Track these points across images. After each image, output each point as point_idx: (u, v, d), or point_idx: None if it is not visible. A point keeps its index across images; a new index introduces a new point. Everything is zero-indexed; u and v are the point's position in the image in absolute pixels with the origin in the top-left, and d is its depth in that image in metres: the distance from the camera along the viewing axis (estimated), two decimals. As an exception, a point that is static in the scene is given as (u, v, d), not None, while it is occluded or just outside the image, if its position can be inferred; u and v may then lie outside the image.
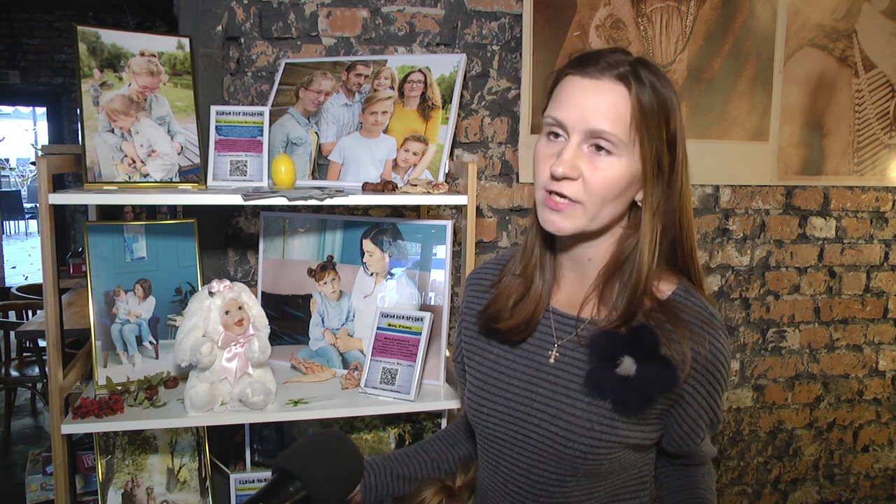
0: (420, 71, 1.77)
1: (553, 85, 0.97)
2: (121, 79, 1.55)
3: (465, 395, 1.11)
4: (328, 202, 1.49)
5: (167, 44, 1.61)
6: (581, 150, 0.91)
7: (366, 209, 2.04)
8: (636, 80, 0.90)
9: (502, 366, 1.05)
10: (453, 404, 1.61)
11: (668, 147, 0.93)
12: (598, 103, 0.89)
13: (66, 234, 7.43)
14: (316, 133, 1.80)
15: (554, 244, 1.02)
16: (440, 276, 1.70)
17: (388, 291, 1.74)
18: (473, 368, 1.09)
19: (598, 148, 0.90)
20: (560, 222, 0.93)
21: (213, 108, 1.67)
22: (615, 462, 0.96)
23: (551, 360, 1.01)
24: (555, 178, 0.91)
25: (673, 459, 1.07)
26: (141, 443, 1.69)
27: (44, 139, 9.90)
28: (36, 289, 4.24)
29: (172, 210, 2.55)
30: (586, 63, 0.92)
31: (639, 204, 0.95)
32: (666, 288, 0.97)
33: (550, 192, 0.92)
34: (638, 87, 0.89)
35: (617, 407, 0.93)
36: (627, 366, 0.91)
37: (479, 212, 2.18)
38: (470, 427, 1.18)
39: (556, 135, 0.93)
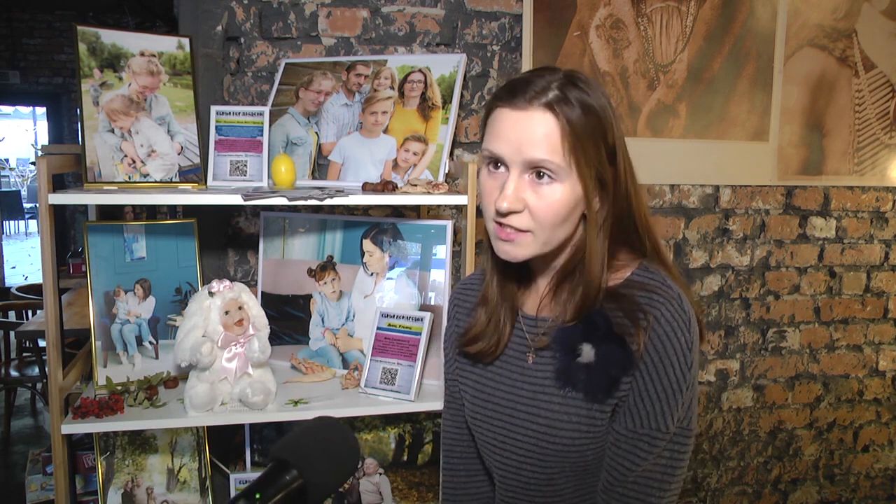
0: (420, 71, 1.77)
1: (486, 117, 0.97)
2: (121, 79, 1.55)
3: (465, 408, 1.14)
4: (328, 202, 1.49)
5: (167, 44, 1.61)
6: (523, 179, 0.92)
7: (366, 209, 2.04)
8: (565, 104, 0.89)
9: (489, 374, 1.09)
10: (453, 404, 1.61)
11: (609, 161, 0.93)
12: (531, 134, 0.89)
13: (66, 234, 7.42)
14: (316, 133, 1.80)
15: (512, 266, 1.04)
16: (440, 276, 1.70)
17: (388, 291, 1.74)
18: (466, 385, 1.13)
19: (540, 175, 0.91)
20: (514, 251, 0.95)
21: (213, 108, 1.67)
22: (600, 453, 0.97)
23: (530, 362, 1.04)
24: (500, 213, 0.92)
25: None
26: (141, 443, 1.69)
27: (44, 139, 9.90)
28: (36, 289, 4.24)
29: (172, 210, 2.55)
30: (514, 93, 0.91)
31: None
32: (621, 275, 0.98)
33: (500, 224, 0.94)
34: (567, 111, 0.89)
35: (588, 395, 0.95)
36: (587, 353, 0.94)
37: (479, 212, 2.17)
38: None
39: (497, 165, 0.94)
